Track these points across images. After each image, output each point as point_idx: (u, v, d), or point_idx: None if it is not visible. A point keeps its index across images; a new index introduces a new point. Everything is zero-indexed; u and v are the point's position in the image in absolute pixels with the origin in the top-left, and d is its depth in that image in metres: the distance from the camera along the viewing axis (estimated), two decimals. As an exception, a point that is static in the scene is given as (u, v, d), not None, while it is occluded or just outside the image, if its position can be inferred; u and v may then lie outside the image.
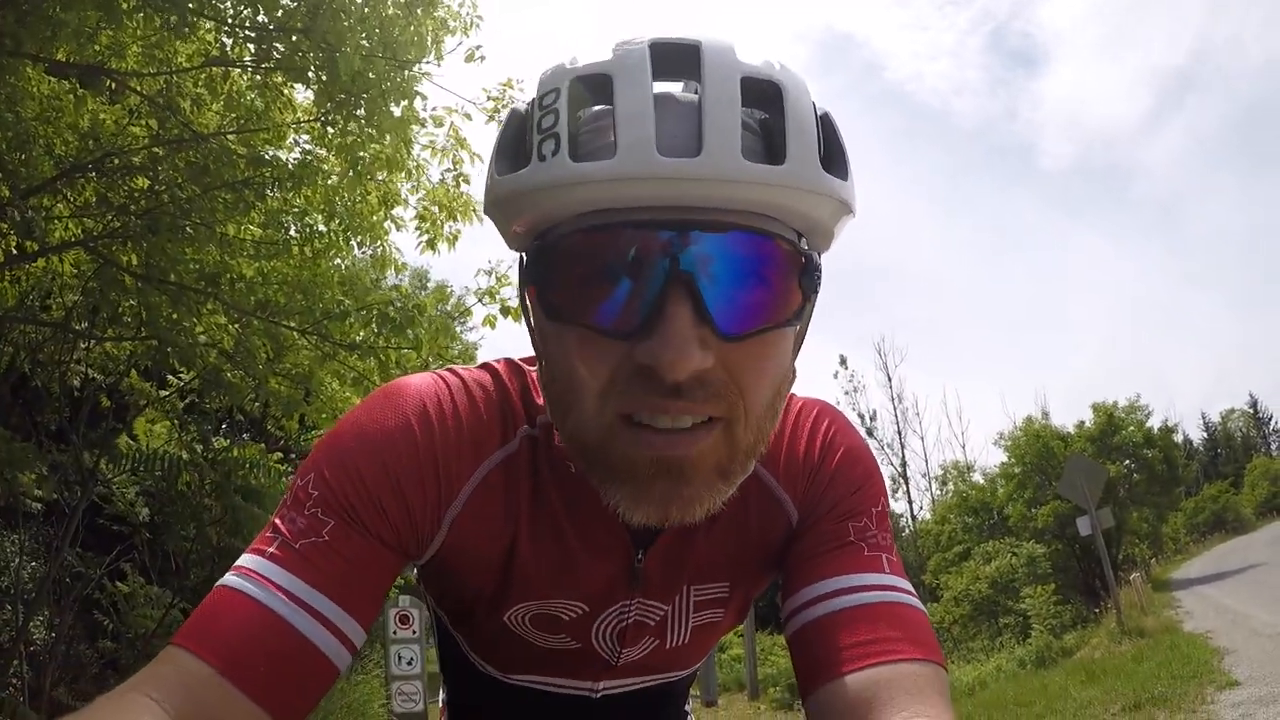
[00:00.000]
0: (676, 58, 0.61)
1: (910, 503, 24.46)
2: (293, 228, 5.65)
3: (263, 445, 8.66)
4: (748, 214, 0.59)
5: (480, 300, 5.66)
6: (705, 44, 0.61)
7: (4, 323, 5.99)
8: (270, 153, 5.50)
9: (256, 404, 6.54)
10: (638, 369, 0.59)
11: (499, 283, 5.64)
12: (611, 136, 0.58)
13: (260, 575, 0.65)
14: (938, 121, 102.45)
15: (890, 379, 25.27)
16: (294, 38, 4.43)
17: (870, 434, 23.46)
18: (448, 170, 5.81)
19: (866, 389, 34.68)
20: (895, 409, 25.56)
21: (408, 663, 6.79)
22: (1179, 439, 25.02)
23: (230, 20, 4.64)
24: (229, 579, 0.66)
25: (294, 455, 11.47)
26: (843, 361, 25.52)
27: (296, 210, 5.53)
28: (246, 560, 0.67)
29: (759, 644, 13.79)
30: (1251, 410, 66.14)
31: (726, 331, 0.59)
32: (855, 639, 0.69)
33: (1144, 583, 14.10)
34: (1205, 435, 67.83)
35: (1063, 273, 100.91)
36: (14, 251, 5.36)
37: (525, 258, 0.67)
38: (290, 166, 5.23)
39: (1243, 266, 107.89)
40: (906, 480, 24.22)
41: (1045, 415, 21.56)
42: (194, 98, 5.24)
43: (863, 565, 0.75)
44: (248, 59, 4.90)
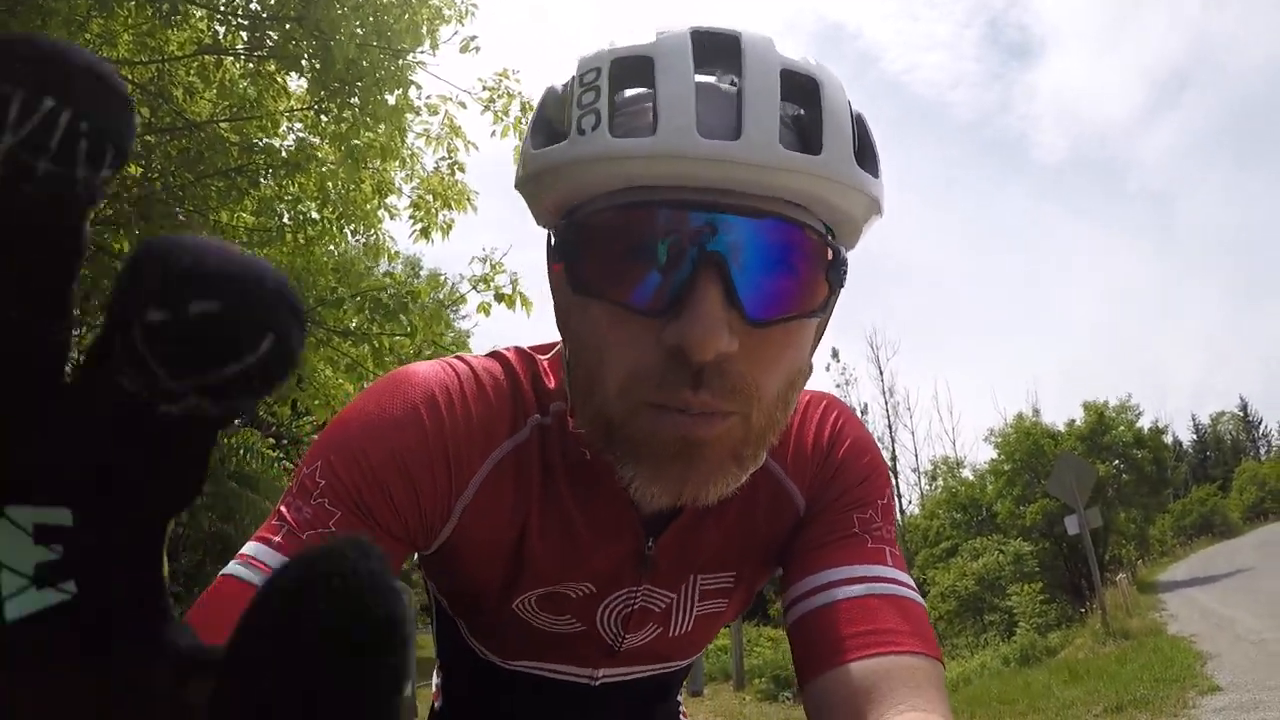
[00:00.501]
0: (716, 47, 0.61)
1: (899, 497, 24.62)
2: (286, 215, 5.63)
3: (256, 431, 8.64)
4: (782, 202, 0.60)
5: (474, 287, 5.65)
6: (745, 35, 0.61)
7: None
8: (264, 141, 5.46)
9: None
10: (664, 353, 0.59)
11: (493, 270, 5.64)
12: (651, 118, 0.58)
13: (264, 564, 0.64)
14: (932, 113, 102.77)
15: (882, 372, 25.41)
16: (287, 26, 4.41)
17: (862, 428, 23.48)
18: (442, 159, 5.80)
19: (858, 382, 34.80)
20: (886, 403, 25.64)
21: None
22: (1169, 440, 25.16)
23: (223, 8, 4.61)
24: (233, 567, 0.65)
25: (286, 441, 11.48)
26: (834, 354, 25.64)
27: (290, 198, 5.51)
28: (250, 548, 0.66)
29: (745, 635, 13.85)
30: (1241, 413, 66.57)
31: (754, 317, 0.59)
32: (856, 629, 0.69)
33: (1130, 584, 14.19)
34: (1195, 437, 68.30)
35: (1055, 265, 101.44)
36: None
37: (554, 234, 0.66)
38: (284, 154, 5.20)
39: (1237, 265, 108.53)
40: (896, 475, 24.36)
41: (1036, 412, 21.70)
42: (186, 86, 5.21)
43: (866, 557, 0.75)
44: (240, 47, 4.86)
